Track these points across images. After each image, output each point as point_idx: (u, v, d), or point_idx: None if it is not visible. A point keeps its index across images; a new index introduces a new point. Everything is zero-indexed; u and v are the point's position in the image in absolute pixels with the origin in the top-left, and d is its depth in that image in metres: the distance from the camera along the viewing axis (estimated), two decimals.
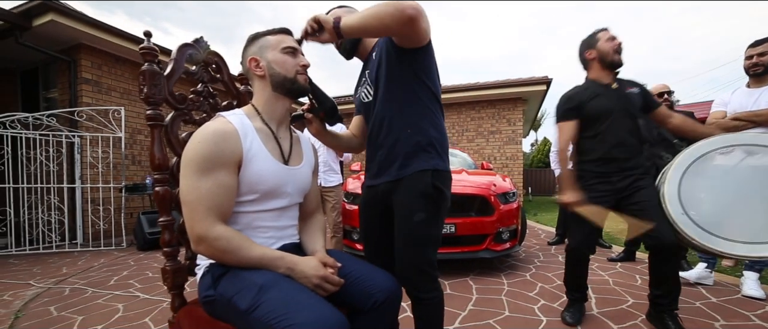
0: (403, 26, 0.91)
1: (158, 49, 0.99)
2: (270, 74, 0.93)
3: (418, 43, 1.02)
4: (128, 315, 2.03)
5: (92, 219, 4.15)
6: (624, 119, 1.70)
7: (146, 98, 0.94)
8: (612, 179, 1.71)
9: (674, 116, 1.77)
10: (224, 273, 0.82)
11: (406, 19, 0.89)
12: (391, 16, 0.88)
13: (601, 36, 1.74)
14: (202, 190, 0.78)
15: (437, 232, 1.08)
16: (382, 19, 0.89)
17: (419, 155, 1.06)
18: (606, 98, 1.73)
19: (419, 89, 1.08)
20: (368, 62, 1.18)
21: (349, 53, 1.21)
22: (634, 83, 1.78)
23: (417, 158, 1.06)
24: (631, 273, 2.77)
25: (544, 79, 6.79)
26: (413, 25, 0.91)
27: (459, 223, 2.67)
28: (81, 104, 4.31)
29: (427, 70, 1.08)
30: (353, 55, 1.22)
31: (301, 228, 1.05)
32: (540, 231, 4.99)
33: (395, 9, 0.88)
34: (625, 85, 1.76)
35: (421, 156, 1.06)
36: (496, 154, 7.58)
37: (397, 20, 0.89)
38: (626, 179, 1.68)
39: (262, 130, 0.92)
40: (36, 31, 3.93)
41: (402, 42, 1.02)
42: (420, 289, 1.06)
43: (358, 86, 1.25)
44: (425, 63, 1.07)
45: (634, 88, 1.75)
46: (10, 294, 2.44)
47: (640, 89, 1.76)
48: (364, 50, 1.20)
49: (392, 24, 0.90)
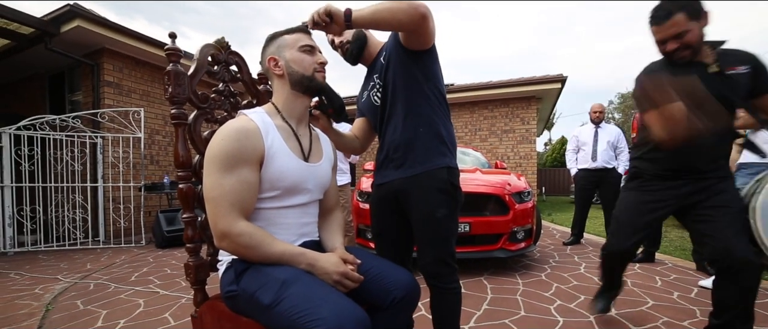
0: (413, 23, 0.94)
1: (182, 50, 1.02)
2: (288, 73, 0.94)
3: (425, 45, 1.06)
4: (149, 310, 2.10)
5: (113, 217, 4.29)
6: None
7: (171, 97, 0.97)
8: (677, 183, 1.38)
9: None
10: (247, 269, 0.84)
11: (418, 16, 0.93)
12: (405, 12, 0.92)
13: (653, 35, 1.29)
14: (226, 186, 0.80)
15: (456, 226, 1.15)
16: (395, 13, 0.93)
17: (434, 152, 1.11)
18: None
19: (428, 89, 1.12)
20: (374, 66, 1.21)
21: (355, 59, 1.22)
22: (744, 58, 1.23)
23: (432, 156, 1.10)
24: (651, 274, 2.70)
25: (559, 77, 6.67)
26: (424, 23, 0.95)
27: (473, 222, 2.65)
28: (103, 106, 4.47)
29: (433, 73, 1.13)
30: (358, 61, 1.24)
31: (320, 225, 1.06)
32: (555, 232, 4.91)
33: (409, 6, 0.92)
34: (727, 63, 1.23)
35: (435, 153, 1.11)
36: (510, 153, 7.48)
37: (410, 16, 0.92)
38: (698, 183, 1.33)
39: (282, 127, 0.93)
40: (63, 36, 4.11)
41: (409, 42, 1.05)
42: (444, 280, 1.11)
43: (363, 90, 1.27)
44: (431, 66, 1.12)
45: (741, 66, 1.22)
46: (41, 287, 2.55)
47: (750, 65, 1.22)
48: (369, 56, 1.22)
49: (404, 19, 0.93)
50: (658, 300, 2.16)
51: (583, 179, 3.78)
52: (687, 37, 1.18)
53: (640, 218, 1.47)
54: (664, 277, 2.62)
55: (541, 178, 12.28)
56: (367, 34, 1.22)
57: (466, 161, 4.35)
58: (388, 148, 1.15)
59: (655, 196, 1.42)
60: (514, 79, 7.18)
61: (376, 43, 1.23)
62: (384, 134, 1.18)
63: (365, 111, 1.27)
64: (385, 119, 1.16)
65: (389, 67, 1.11)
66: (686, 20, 1.17)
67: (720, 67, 1.22)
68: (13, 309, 2.15)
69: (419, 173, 1.09)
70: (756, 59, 1.25)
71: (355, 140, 1.29)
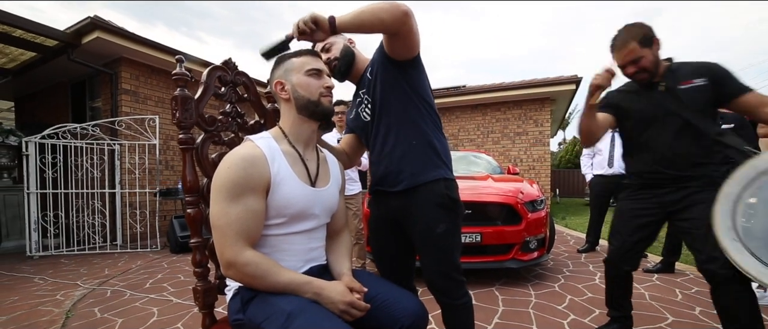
0: (397, 21, 0.93)
1: (190, 75, 1.02)
2: (294, 97, 0.94)
3: (410, 51, 1.04)
4: (162, 319, 2.14)
5: (130, 222, 4.42)
6: (673, 125, 1.38)
7: (178, 122, 0.98)
8: (660, 191, 1.47)
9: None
10: (253, 297, 0.84)
11: (400, 13, 0.92)
12: (387, 11, 0.91)
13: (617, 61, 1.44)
14: (232, 215, 0.80)
15: (459, 238, 1.13)
16: (377, 13, 0.92)
17: (428, 164, 1.10)
18: (647, 101, 1.44)
19: (417, 100, 1.11)
20: (362, 82, 1.20)
21: (342, 75, 1.20)
22: (698, 71, 1.36)
23: (427, 168, 1.09)
24: (670, 286, 2.60)
25: (573, 79, 6.52)
26: (407, 20, 0.93)
27: (485, 232, 2.61)
28: (121, 113, 4.61)
29: (420, 85, 1.12)
30: (346, 78, 1.22)
31: (328, 248, 1.05)
32: (569, 237, 4.79)
33: (390, 5, 0.92)
34: (681, 78, 1.38)
35: (430, 166, 1.10)
36: (523, 156, 7.36)
37: (392, 15, 0.92)
38: (679, 192, 1.40)
39: (289, 153, 0.93)
40: (84, 47, 4.28)
41: (394, 48, 1.04)
42: (451, 296, 1.10)
43: (353, 107, 1.26)
44: (417, 77, 1.11)
45: (696, 79, 1.35)
46: (62, 293, 2.64)
47: (707, 78, 1.34)
48: (357, 72, 1.21)
49: (387, 18, 0.92)
50: (678, 315, 2.08)
51: (598, 186, 3.68)
52: (642, 62, 1.37)
53: (627, 224, 1.57)
54: (685, 290, 2.52)
55: (555, 179, 12.04)
56: (355, 51, 1.21)
57: (477, 166, 4.29)
58: (381, 163, 1.14)
59: (641, 204, 1.52)
60: (527, 81, 7.06)
61: (364, 60, 1.22)
62: (376, 149, 1.16)
63: (355, 128, 1.26)
64: (375, 134, 1.15)
65: (376, 81, 1.10)
66: (639, 48, 1.36)
67: (667, 86, 1.40)
68: (36, 315, 2.23)
69: (415, 186, 1.08)
70: (713, 70, 1.35)
71: (343, 155, 1.28)
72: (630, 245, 1.56)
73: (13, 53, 4.54)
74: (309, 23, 0.94)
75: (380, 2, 0.92)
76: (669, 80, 1.40)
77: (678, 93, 1.37)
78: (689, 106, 1.35)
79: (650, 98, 1.43)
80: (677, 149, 1.39)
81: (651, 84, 1.43)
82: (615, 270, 1.66)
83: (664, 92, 1.40)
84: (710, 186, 1.25)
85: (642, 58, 1.37)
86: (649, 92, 1.44)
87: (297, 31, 0.97)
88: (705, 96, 1.35)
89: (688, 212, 1.38)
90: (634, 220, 1.54)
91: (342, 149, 1.29)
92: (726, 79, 1.33)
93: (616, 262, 1.63)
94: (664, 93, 1.40)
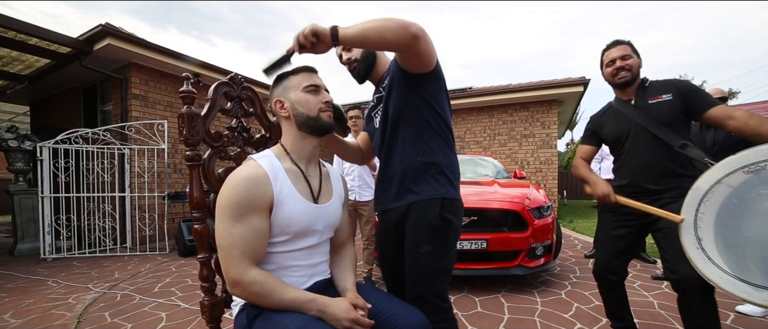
0: (403, 44, 0.89)
1: (196, 92, 1.04)
2: (294, 115, 0.95)
3: (424, 67, 1.00)
4: (170, 325, 2.17)
5: (139, 225, 4.49)
6: (643, 138, 1.49)
7: (185, 139, 1.00)
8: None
9: (735, 114, 1.33)
10: (258, 314, 0.85)
11: (408, 37, 0.87)
12: (394, 32, 0.86)
13: (603, 59, 1.60)
14: (236, 235, 0.82)
15: (445, 263, 1.05)
16: (382, 33, 0.87)
17: (429, 182, 1.06)
18: (620, 119, 1.57)
19: (429, 115, 1.07)
20: (379, 86, 1.18)
21: (361, 78, 1.19)
22: (666, 87, 1.48)
23: (426, 186, 1.06)
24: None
25: (581, 80, 6.44)
26: (415, 44, 0.89)
27: (491, 238, 2.60)
28: (131, 118, 4.69)
29: (436, 98, 1.07)
30: (366, 80, 1.20)
31: (332, 261, 1.07)
32: (576, 241, 4.74)
33: (399, 25, 0.86)
34: (650, 93, 1.50)
35: (430, 184, 1.06)
36: (530, 158, 7.30)
37: (399, 37, 0.87)
38: (653, 204, 1.41)
39: (291, 170, 0.94)
40: (96, 54, 4.38)
41: (406, 64, 1.01)
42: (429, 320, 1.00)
43: (370, 110, 1.25)
44: (433, 90, 1.06)
45: (664, 94, 1.47)
46: (74, 297, 2.70)
47: (673, 93, 1.45)
48: (376, 75, 1.19)
49: (393, 39, 0.87)
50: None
51: None
52: (629, 61, 1.53)
53: (608, 235, 1.64)
54: None
55: (563, 181, 11.90)
56: (377, 53, 1.19)
57: (483, 170, 4.27)
58: (386, 175, 1.14)
59: (619, 217, 1.59)
60: (535, 83, 7.00)
61: (385, 61, 1.20)
62: (382, 160, 1.16)
63: (368, 131, 1.27)
64: (384, 145, 1.14)
65: (391, 93, 1.08)
66: (630, 50, 1.55)
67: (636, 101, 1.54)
68: (49, 319, 2.28)
69: (412, 203, 1.06)
70: (679, 86, 1.47)
71: (359, 151, 1.27)
72: (611, 256, 1.61)
73: (29, 60, 4.66)
74: (309, 37, 0.89)
75: (389, 21, 0.87)
76: (639, 96, 1.53)
77: (647, 107, 1.49)
78: (655, 119, 1.46)
79: (622, 115, 1.57)
80: (649, 161, 1.48)
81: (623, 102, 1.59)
82: (602, 281, 1.67)
83: (634, 107, 1.53)
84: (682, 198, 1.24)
85: (630, 58, 1.53)
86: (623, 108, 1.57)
87: (297, 45, 0.91)
88: (672, 110, 1.45)
89: (660, 223, 1.43)
90: (612, 231, 1.61)
91: (357, 146, 1.28)
92: (692, 94, 1.43)
93: (601, 274, 1.65)
94: (634, 108, 1.53)
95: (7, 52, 4.34)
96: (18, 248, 4.25)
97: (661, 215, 1.32)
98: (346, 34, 0.89)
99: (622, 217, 1.57)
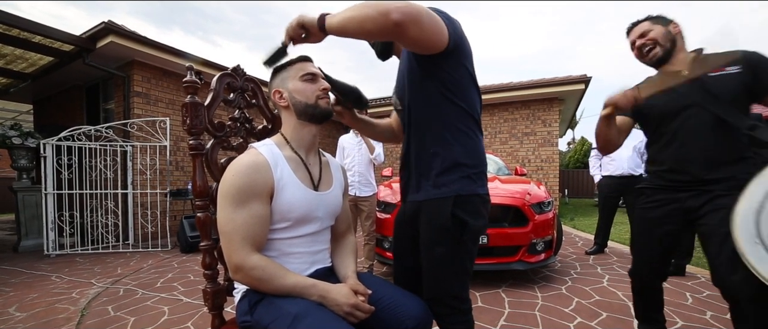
0: (385, 32, 0.76)
1: (200, 82, 1.05)
2: (292, 104, 0.96)
3: (429, 50, 0.86)
4: (173, 318, 2.19)
5: (141, 222, 4.52)
6: (700, 117, 1.23)
7: (189, 129, 1.01)
8: (680, 195, 1.29)
9: None
10: (260, 300, 0.86)
11: (390, 25, 0.73)
12: (373, 22, 0.74)
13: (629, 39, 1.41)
14: (238, 221, 0.83)
15: (462, 264, 0.96)
16: (362, 23, 0.76)
17: (442, 179, 0.95)
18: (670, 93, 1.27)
19: (445, 104, 0.94)
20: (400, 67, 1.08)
21: (383, 54, 1.08)
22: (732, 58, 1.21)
23: (442, 182, 0.95)
24: (681, 290, 2.56)
25: (582, 78, 6.44)
26: (401, 34, 0.76)
27: (492, 234, 2.60)
28: (133, 115, 4.72)
29: (454, 83, 0.93)
30: (389, 56, 1.10)
31: (332, 250, 1.08)
32: (577, 239, 4.74)
33: (377, 12, 0.73)
34: (710, 64, 1.24)
35: (443, 181, 0.94)
36: (531, 156, 7.30)
37: (381, 27, 0.74)
38: (701, 196, 1.24)
39: (291, 158, 0.95)
40: (99, 51, 4.40)
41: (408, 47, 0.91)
42: (444, 321, 1.00)
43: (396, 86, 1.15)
44: (451, 74, 0.92)
45: (730, 66, 1.20)
46: (77, 291, 2.72)
47: (741, 65, 1.19)
48: (399, 49, 1.08)
49: (374, 30, 0.76)
50: (688, 319, 2.05)
51: (607, 187, 3.64)
52: (650, 34, 1.34)
53: (648, 235, 1.42)
54: (696, 293, 2.48)
55: (564, 180, 11.89)
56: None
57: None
58: (405, 165, 1.08)
59: (660, 212, 1.36)
60: (536, 81, 6.99)
61: None
62: (403, 147, 1.08)
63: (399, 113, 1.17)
64: (405, 129, 1.06)
65: (405, 77, 1.01)
66: (650, 24, 1.36)
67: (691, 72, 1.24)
68: (53, 312, 2.30)
69: (425, 200, 0.98)
70: (749, 57, 1.19)
71: (390, 129, 1.22)
72: (655, 257, 1.41)
73: (32, 58, 4.69)
74: (296, 29, 0.87)
75: (367, 6, 0.75)
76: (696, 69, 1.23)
77: (706, 81, 1.22)
78: (719, 96, 1.19)
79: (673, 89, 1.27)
80: (705, 145, 1.23)
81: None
82: (641, 283, 1.51)
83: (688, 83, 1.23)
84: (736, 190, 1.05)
85: (650, 31, 1.33)
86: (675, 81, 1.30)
87: (288, 39, 0.89)
88: (738, 86, 1.18)
89: (707, 218, 1.22)
90: (655, 230, 1.38)
91: (388, 124, 1.23)
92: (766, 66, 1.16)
93: (642, 275, 1.48)
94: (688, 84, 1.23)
95: (11, 50, 4.37)
96: (22, 244, 4.28)
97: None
98: (331, 25, 0.82)
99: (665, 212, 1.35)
